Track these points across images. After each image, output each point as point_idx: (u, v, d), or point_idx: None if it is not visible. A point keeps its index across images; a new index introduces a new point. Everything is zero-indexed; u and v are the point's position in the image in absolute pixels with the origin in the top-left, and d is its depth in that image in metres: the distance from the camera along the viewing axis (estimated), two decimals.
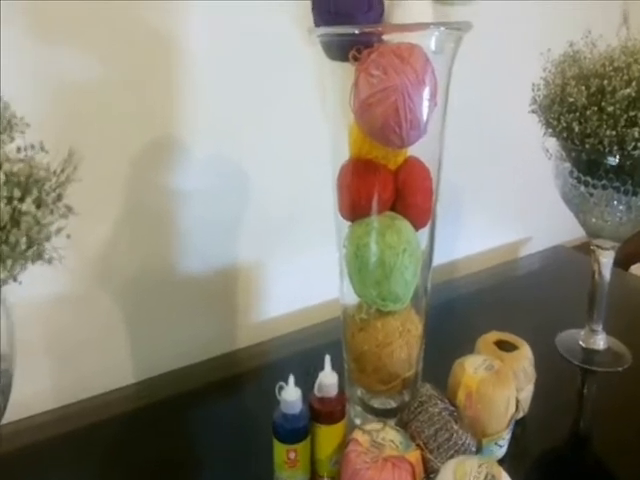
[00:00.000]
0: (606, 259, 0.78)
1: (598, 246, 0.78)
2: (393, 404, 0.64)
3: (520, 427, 0.68)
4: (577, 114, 0.66)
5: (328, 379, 0.54)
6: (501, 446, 0.62)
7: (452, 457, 0.54)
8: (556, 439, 0.67)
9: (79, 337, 0.72)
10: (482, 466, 0.49)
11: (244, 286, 0.83)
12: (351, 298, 0.61)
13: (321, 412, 0.54)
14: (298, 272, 0.86)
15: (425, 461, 0.54)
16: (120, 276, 0.73)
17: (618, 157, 0.67)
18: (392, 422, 0.59)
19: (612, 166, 0.69)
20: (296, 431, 0.52)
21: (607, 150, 0.66)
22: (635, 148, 0.65)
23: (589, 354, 0.81)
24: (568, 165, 0.73)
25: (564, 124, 0.68)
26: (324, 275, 0.68)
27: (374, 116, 0.50)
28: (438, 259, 1.02)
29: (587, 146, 0.67)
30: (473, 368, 0.62)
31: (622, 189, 0.69)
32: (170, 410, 0.70)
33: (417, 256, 0.58)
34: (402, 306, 0.59)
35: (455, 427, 0.55)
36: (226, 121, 0.75)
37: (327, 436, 0.55)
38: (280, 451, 0.52)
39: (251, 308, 0.85)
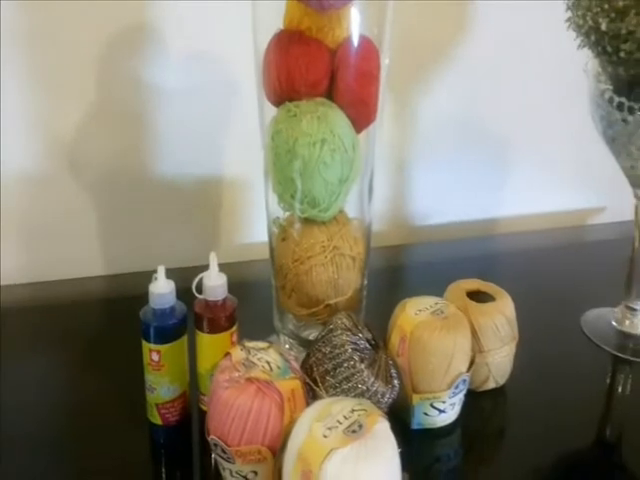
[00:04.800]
0: None
1: None
2: None
3: (491, 401, 0.55)
4: (606, 6, 0.51)
5: (211, 280, 0.46)
6: (441, 410, 0.49)
7: None
8: (545, 435, 0.51)
9: (49, 220, 0.70)
10: (356, 412, 0.38)
11: (228, 204, 0.76)
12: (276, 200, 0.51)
13: (202, 317, 0.46)
14: None
15: (317, 398, 0.44)
16: (91, 167, 0.70)
17: None
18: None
19: None
20: (161, 330, 0.44)
21: None
22: None
23: (623, 338, 0.63)
24: (604, 87, 0.57)
25: (590, 22, 0.52)
26: None
27: None
28: (476, 214, 0.90)
29: (622, 54, 0.52)
30: (416, 310, 0.50)
31: None
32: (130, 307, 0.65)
33: (347, 156, 0.47)
34: (326, 215, 0.49)
35: (360, 366, 0.44)
36: (211, 13, 0.67)
37: (208, 347, 0.47)
38: (145, 350, 0.45)
39: (235, 228, 0.77)
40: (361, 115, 0.49)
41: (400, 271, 0.80)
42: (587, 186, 0.92)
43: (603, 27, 0.51)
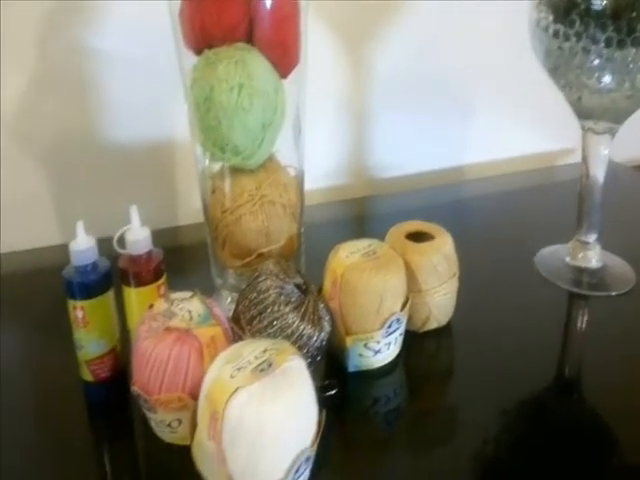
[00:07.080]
0: (601, 147, 0.59)
1: (590, 129, 0.59)
2: None
3: (435, 341, 0.54)
4: None
5: (133, 234, 0.46)
6: (376, 351, 0.49)
7: None
8: (498, 374, 0.50)
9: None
10: (268, 352, 0.38)
11: (182, 167, 0.75)
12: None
13: (127, 272, 0.46)
14: None
15: None
16: (40, 140, 0.69)
17: None
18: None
19: (588, 7, 0.50)
20: (83, 286, 0.44)
21: None
22: None
23: (577, 274, 0.62)
24: (540, 15, 0.55)
25: None
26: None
27: None
28: (441, 163, 0.88)
29: None
30: (348, 252, 0.49)
31: (602, 38, 0.50)
32: None
33: (269, 101, 0.46)
34: (251, 162, 0.48)
35: (284, 309, 0.44)
36: None
37: (135, 301, 0.47)
38: (70, 307, 0.45)
39: (191, 190, 0.76)
40: (282, 58, 0.47)
41: (359, 223, 0.79)
42: (554, 127, 0.89)
43: None
